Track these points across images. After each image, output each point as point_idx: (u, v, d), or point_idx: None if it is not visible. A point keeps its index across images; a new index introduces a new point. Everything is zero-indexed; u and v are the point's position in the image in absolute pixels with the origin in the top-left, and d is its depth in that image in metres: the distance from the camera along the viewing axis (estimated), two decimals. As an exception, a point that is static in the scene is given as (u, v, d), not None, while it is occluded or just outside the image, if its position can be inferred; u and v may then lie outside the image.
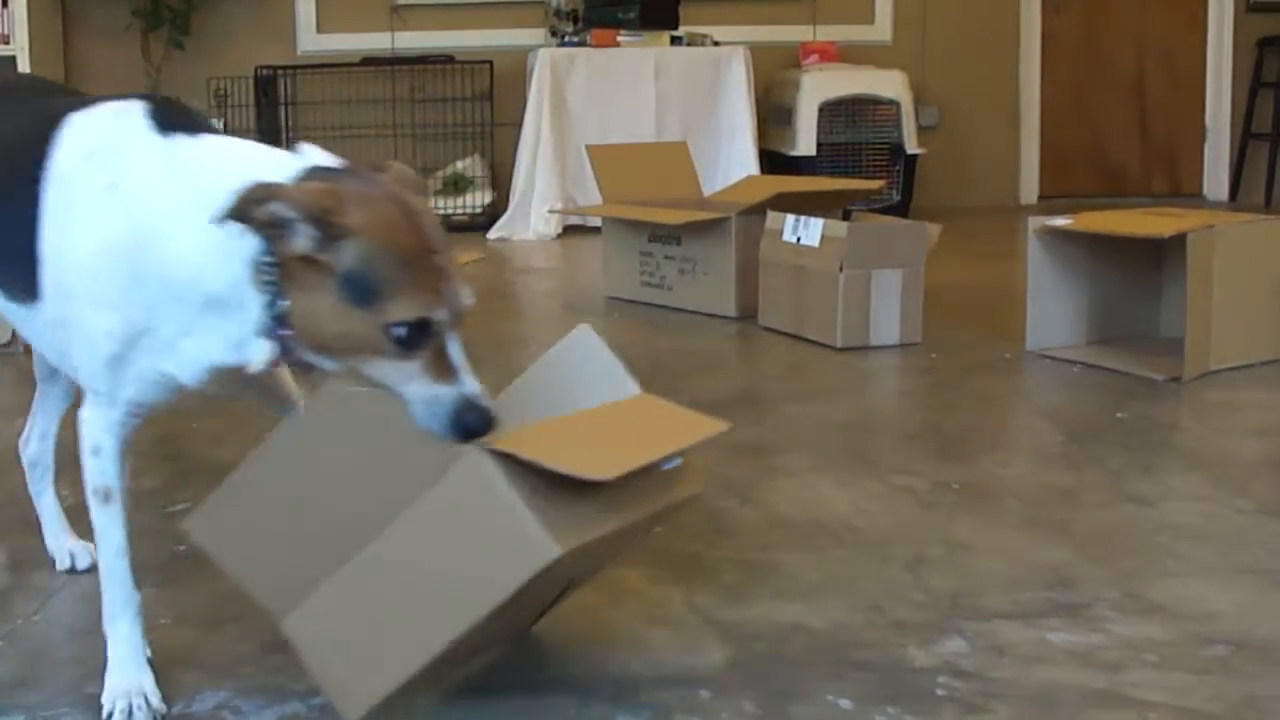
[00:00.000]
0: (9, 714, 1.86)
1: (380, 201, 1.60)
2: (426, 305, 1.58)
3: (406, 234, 1.58)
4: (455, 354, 1.61)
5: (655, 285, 5.18)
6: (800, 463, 2.99)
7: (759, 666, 1.96)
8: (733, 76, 7.89)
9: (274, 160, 1.68)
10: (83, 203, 1.73)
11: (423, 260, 1.59)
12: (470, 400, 1.60)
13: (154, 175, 1.69)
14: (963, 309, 4.86)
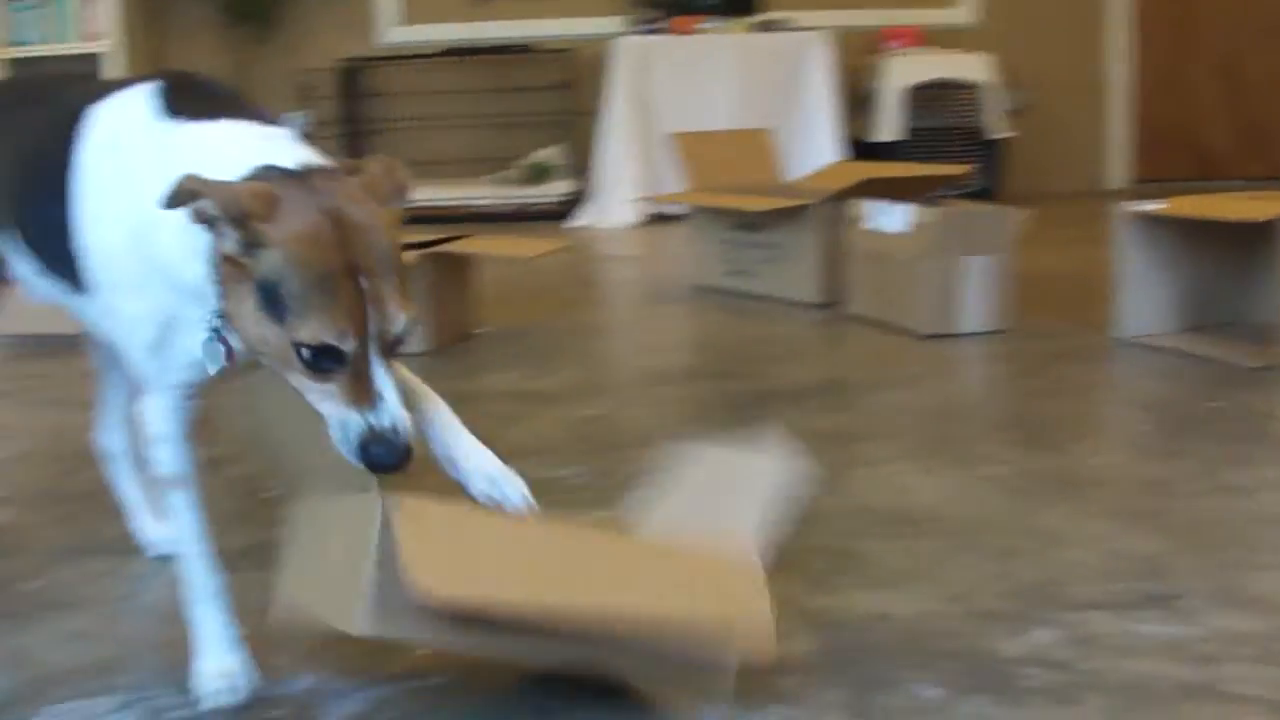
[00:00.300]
0: (103, 695, 1.89)
1: (315, 212, 1.51)
2: (333, 331, 1.49)
3: (330, 252, 1.49)
4: (379, 379, 1.53)
5: (740, 273, 5.17)
6: (885, 451, 2.98)
7: (845, 654, 1.95)
8: (815, 62, 7.87)
9: (252, 151, 1.60)
10: (104, 194, 1.73)
11: (340, 282, 1.49)
12: (378, 432, 1.53)
13: (150, 164, 1.66)
14: (1050, 295, 4.82)
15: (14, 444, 3.29)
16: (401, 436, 1.54)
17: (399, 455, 1.54)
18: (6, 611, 2.23)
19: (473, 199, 8.39)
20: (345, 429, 1.54)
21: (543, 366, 4.03)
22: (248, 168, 1.56)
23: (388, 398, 1.53)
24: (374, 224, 1.54)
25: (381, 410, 1.53)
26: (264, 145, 1.62)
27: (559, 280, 5.84)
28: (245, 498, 2.61)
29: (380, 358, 1.53)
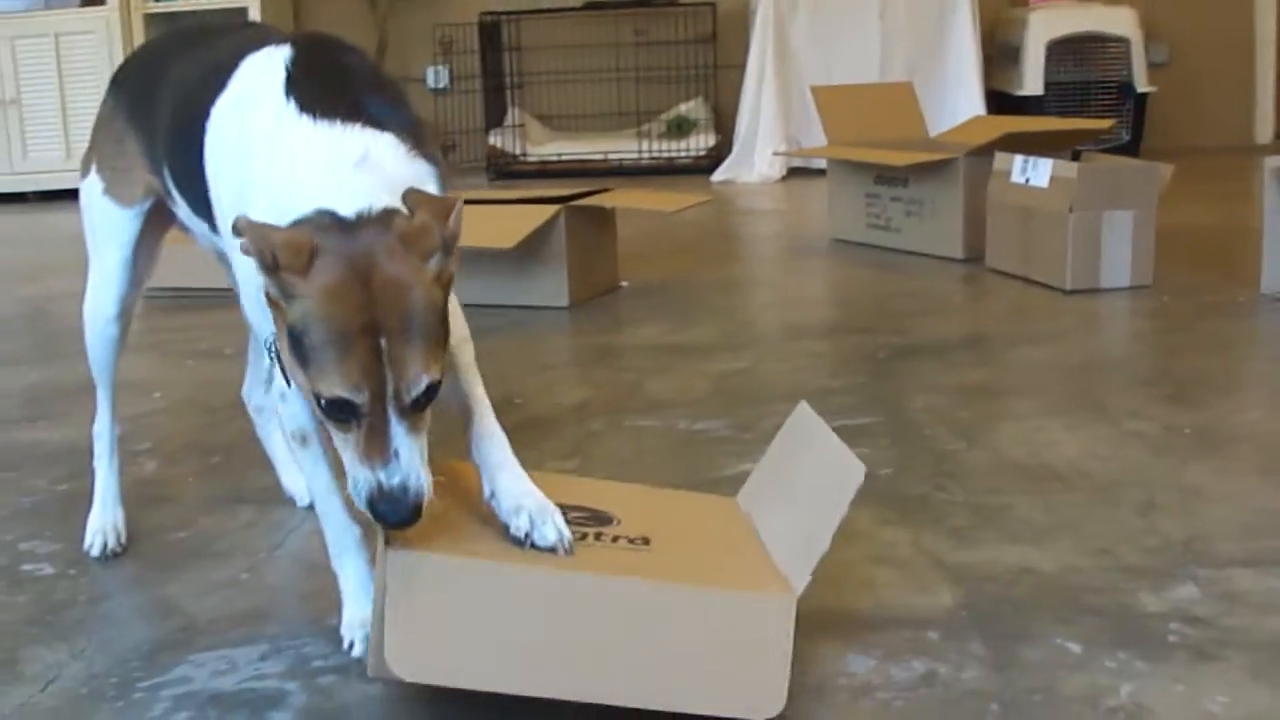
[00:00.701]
0: (249, 644, 1.94)
1: (347, 268, 1.51)
2: (345, 387, 1.51)
3: (352, 310, 1.50)
4: (396, 437, 1.53)
5: (881, 227, 5.16)
6: (1029, 406, 2.97)
7: (987, 608, 1.96)
8: (958, 15, 7.80)
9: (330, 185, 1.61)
10: (225, 154, 1.78)
11: (358, 340, 1.50)
12: (386, 490, 1.53)
13: (258, 142, 1.70)
14: (1195, 251, 4.75)
15: (160, 397, 3.37)
16: (410, 496, 1.54)
17: (404, 514, 1.54)
18: (154, 561, 2.30)
19: (614, 153, 8.42)
20: (356, 482, 1.56)
21: (684, 320, 4.05)
22: (310, 207, 1.57)
23: (402, 456, 1.53)
24: (405, 283, 1.52)
25: (393, 469, 1.53)
26: (343, 178, 1.61)
27: (700, 234, 5.86)
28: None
29: (399, 416, 1.53)
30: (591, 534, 1.77)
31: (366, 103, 1.72)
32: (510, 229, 4.08)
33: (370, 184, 1.61)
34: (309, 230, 1.54)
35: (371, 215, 1.56)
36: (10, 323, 4.51)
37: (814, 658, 1.82)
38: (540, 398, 3.21)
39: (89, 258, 2.28)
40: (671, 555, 1.75)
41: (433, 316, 1.54)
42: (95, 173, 2.25)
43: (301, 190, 1.59)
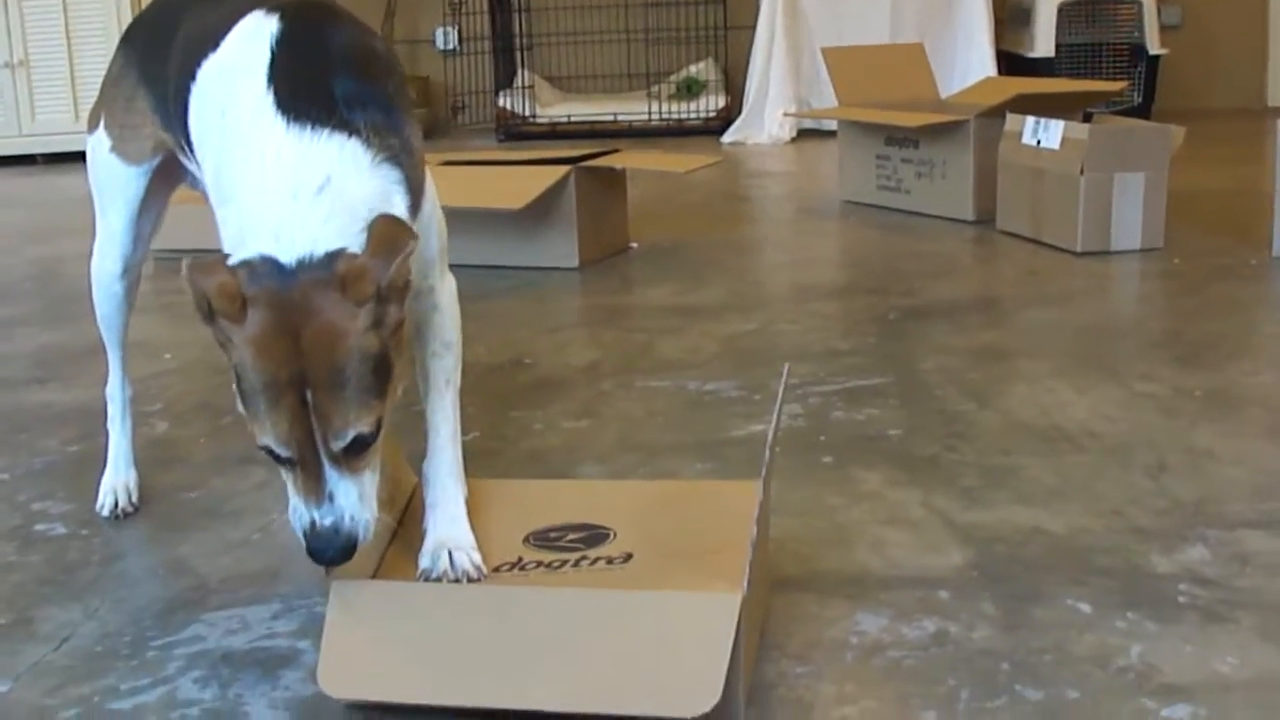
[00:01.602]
0: (261, 603, 1.95)
1: (275, 319, 1.51)
2: (272, 438, 1.54)
3: (278, 363, 1.51)
4: (330, 481, 1.55)
5: (891, 189, 5.15)
6: (1039, 368, 2.97)
7: (998, 569, 1.97)
8: (970, -24, 7.75)
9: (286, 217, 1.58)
10: (208, 124, 1.78)
11: (283, 393, 1.51)
12: (319, 529, 1.55)
13: (237, 132, 1.68)
14: (1207, 214, 4.74)
15: (170, 358, 3.38)
16: (341, 537, 1.56)
17: (334, 554, 1.56)
18: (166, 521, 2.31)
19: (624, 114, 8.40)
20: (294, 512, 1.58)
21: (694, 281, 4.05)
22: (257, 248, 1.55)
23: (337, 499, 1.55)
24: (334, 335, 1.52)
25: (326, 510, 1.55)
26: (299, 212, 1.58)
27: (710, 196, 5.85)
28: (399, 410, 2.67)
29: (332, 463, 1.54)
30: (573, 560, 1.78)
31: (341, 94, 1.68)
32: (520, 190, 4.08)
33: (325, 216, 1.58)
34: (246, 276, 1.53)
35: (312, 262, 1.53)
36: (20, 285, 4.52)
37: (825, 616, 1.83)
38: (550, 358, 3.21)
39: (95, 215, 2.28)
40: (644, 569, 1.75)
41: (364, 367, 1.53)
42: (103, 129, 2.24)
43: (258, 223, 1.58)
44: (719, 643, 1.51)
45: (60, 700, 1.70)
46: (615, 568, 1.74)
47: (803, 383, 2.89)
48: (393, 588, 1.71)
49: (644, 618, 1.60)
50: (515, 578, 1.74)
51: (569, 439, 2.62)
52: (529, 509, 1.92)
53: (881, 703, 1.62)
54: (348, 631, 1.61)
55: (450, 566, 1.73)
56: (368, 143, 1.66)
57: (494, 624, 1.61)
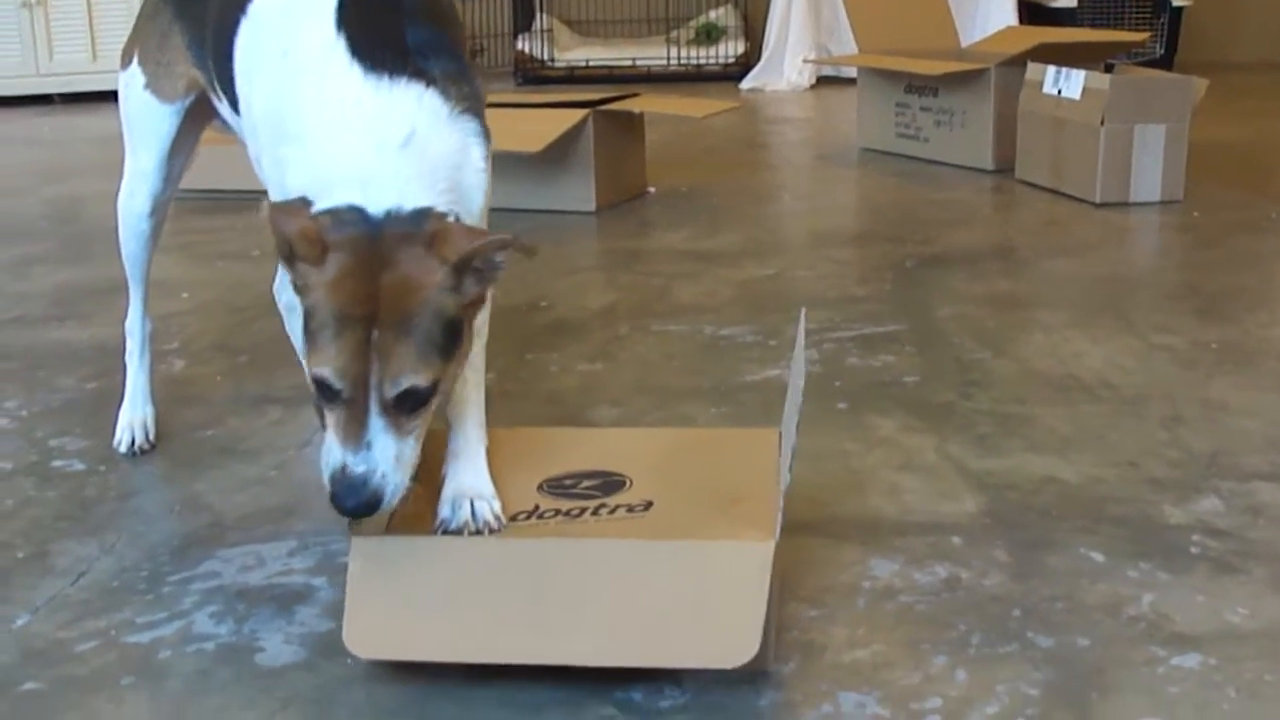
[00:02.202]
0: (277, 540, 1.96)
1: (355, 261, 1.52)
2: (330, 368, 1.52)
3: (352, 300, 1.51)
4: (373, 428, 1.53)
5: (910, 137, 5.14)
6: (1056, 317, 2.97)
7: (1011, 516, 1.97)
8: (993, -77, 7.70)
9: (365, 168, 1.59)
10: (263, 62, 1.76)
11: (351, 329, 1.51)
12: (348, 474, 1.53)
13: (304, 77, 1.67)
14: (1228, 167, 4.72)
15: (188, 297, 3.38)
16: (368, 490, 1.54)
17: (357, 505, 1.54)
18: (182, 459, 2.31)
19: (642, 59, 8.37)
20: (327, 453, 1.57)
21: (711, 226, 4.05)
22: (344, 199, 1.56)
23: (374, 449, 1.54)
24: (412, 284, 1.52)
25: (360, 457, 1.54)
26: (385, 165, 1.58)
27: (728, 142, 5.84)
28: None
29: (380, 410, 1.53)
30: (591, 508, 1.74)
31: (414, 42, 1.68)
32: (538, 133, 4.07)
33: (412, 172, 1.59)
34: (330, 223, 1.54)
35: (400, 215, 1.55)
36: (37, 223, 4.52)
37: (838, 561, 1.84)
38: (567, 301, 3.21)
39: (125, 151, 2.28)
40: (666, 517, 1.71)
41: (433, 323, 1.53)
42: (136, 65, 2.23)
43: (340, 175, 1.58)
44: (754, 592, 1.50)
45: (77, 633, 1.71)
46: (636, 516, 1.71)
47: (819, 329, 2.89)
48: (416, 543, 1.66)
49: (677, 568, 1.57)
50: (534, 527, 1.70)
51: (584, 381, 2.62)
52: (542, 456, 1.89)
53: (892, 647, 1.62)
54: (371, 589, 1.58)
55: (471, 517, 1.70)
56: (444, 93, 1.66)
57: (523, 578, 1.59)
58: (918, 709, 1.49)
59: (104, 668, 1.63)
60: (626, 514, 1.71)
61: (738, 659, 1.48)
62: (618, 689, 1.54)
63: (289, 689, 1.57)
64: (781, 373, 2.57)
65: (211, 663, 1.64)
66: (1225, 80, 5.76)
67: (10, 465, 2.29)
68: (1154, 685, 1.52)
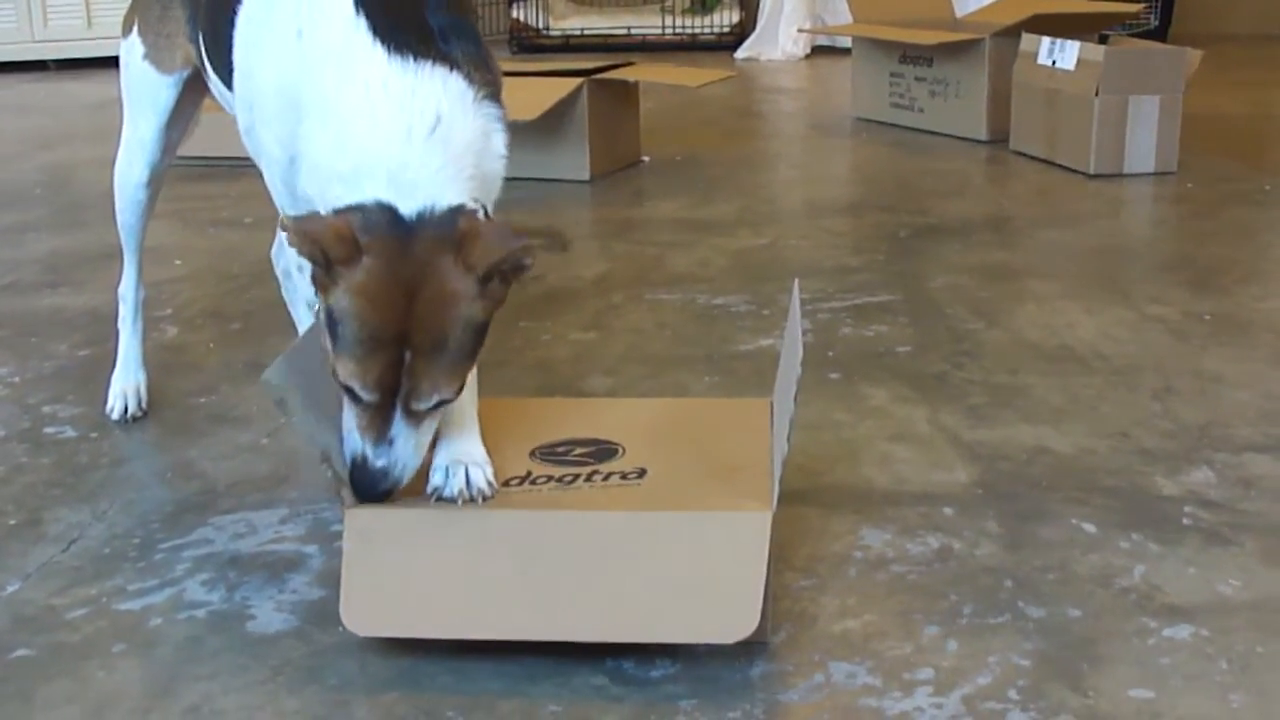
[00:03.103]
0: (269, 508, 1.96)
1: (389, 272, 1.50)
2: (359, 384, 1.52)
3: (385, 317, 1.50)
4: (396, 428, 1.55)
5: (905, 107, 5.13)
6: (1049, 288, 2.97)
7: (1003, 487, 1.97)
8: (988, -108, 7.67)
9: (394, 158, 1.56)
10: (273, 38, 1.72)
11: (383, 347, 1.51)
12: (370, 466, 1.56)
13: (325, 62, 1.64)
14: (1222, 138, 4.72)
15: (181, 264, 3.38)
16: (388, 480, 1.57)
17: (375, 494, 1.58)
18: (174, 426, 2.32)
19: (637, 28, 8.35)
20: (349, 438, 1.58)
21: (705, 196, 4.04)
22: (373, 194, 1.54)
23: (397, 445, 1.56)
24: (447, 301, 1.52)
25: (382, 451, 1.56)
26: (414, 156, 1.56)
27: (723, 111, 5.82)
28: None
29: (406, 416, 1.55)
30: (585, 474, 1.71)
31: (435, 22, 1.66)
32: (532, 101, 4.06)
33: (440, 163, 1.57)
34: (361, 222, 1.52)
35: (433, 216, 1.53)
36: (30, 190, 4.51)
37: (830, 531, 1.84)
38: (560, 270, 3.21)
39: (123, 120, 2.27)
40: (661, 485, 1.68)
41: (467, 336, 1.54)
42: (136, 35, 2.22)
43: (369, 165, 1.55)
44: (753, 565, 1.50)
45: (69, 600, 1.71)
46: (631, 484, 1.69)
47: (812, 298, 2.89)
48: (411, 516, 1.63)
49: (676, 539, 1.56)
50: (527, 493, 1.68)
51: (577, 350, 2.62)
52: (533, 424, 1.88)
53: (884, 617, 1.63)
54: (368, 564, 1.58)
55: (465, 484, 1.65)
56: (469, 78, 1.64)
57: (521, 551, 1.58)
58: (909, 679, 1.50)
59: (95, 635, 1.63)
60: (621, 481, 1.69)
61: (737, 634, 1.48)
62: (609, 658, 1.54)
63: (280, 657, 1.58)
64: (775, 342, 2.57)
65: (203, 630, 1.64)
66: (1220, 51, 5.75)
67: (2, 432, 2.29)
68: (1145, 656, 1.53)
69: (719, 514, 1.59)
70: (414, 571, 1.57)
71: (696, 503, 1.63)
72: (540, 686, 1.50)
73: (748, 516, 1.55)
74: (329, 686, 1.52)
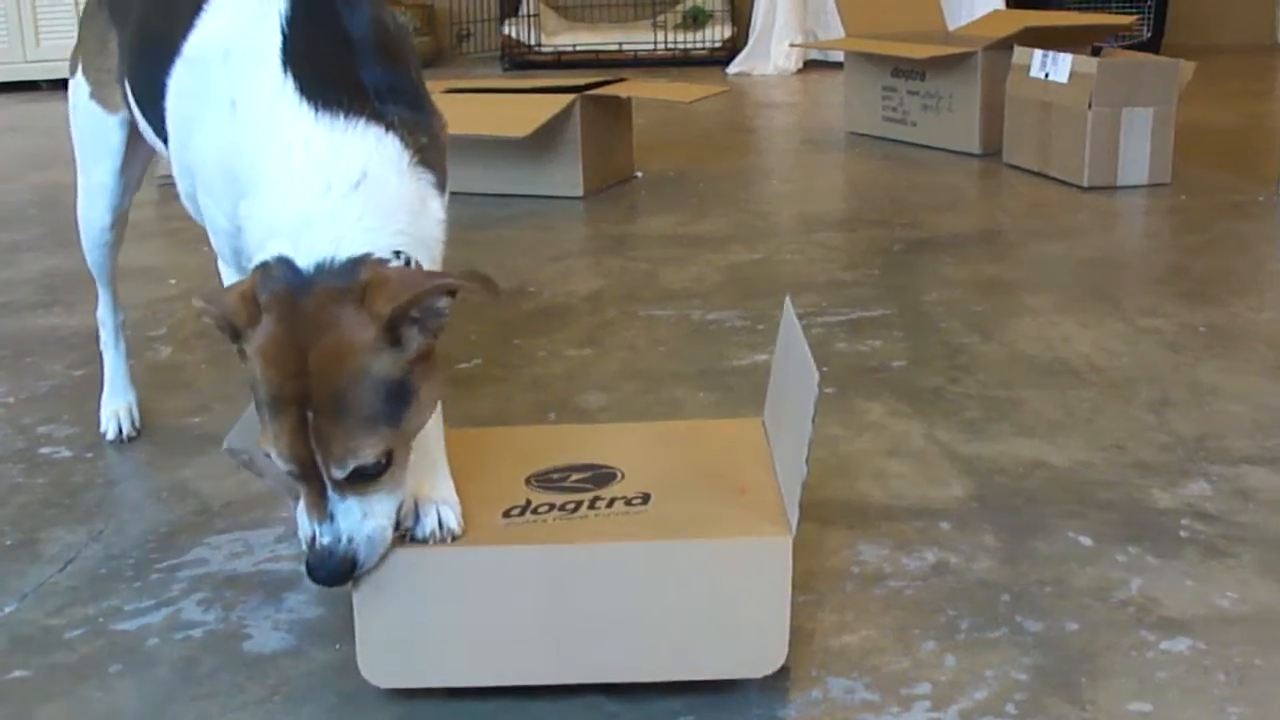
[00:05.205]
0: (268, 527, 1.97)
1: (286, 334, 1.40)
2: (275, 452, 1.42)
3: (283, 380, 1.39)
4: (333, 502, 1.43)
5: (898, 121, 5.13)
6: (1043, 301, 2.97)
7: (999, 501, 1.97)
8: (980, -94, 7.69)
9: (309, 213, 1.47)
10: (207, 111, 1.63)
11: (287, 411, 1.39)
12: (316, 546, 1.44)
13: (254, 123, 1.56)
14: (1215, 150, 4.73)
15: (174, 283, 3.37)
16: (337, 558, 1.45)
17: (329, 575, 1.46)
18: (169, 446, 2.31)
19: (629, 44, 8.36)
20: (300, 527, 1.48)
21: (698, 211, 4.04)
22: (278, 247, 1.44)
23: (338, 519, 1.44)
24: (343, 354, 1.39)
25: (326, 529, 1.44)
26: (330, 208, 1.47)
27: (715, 126, 5.83)
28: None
29: (335, 488, 1.43)
30: (588, 501, 1.63)
31: (369, 80, 1.57)
32: (525, 118, 4.06)
33: (359, 213, 1.47)
34: (260, 279, 1.43)
35: (331, 268, 1.42)
36: (24, 210, 4.50)
37: (827, 546, 1.84)
38: (554, 286, 3.21)
39: (78, 164, 2.23)
40: (669, 510, 1.60)
41: (373, 392, 1.41)
42: (81, 74, 2.16)
43: (280, 220, 1.47)
44: (777, 593, 1.48)
45: (65, 620, 1.71)
46: (637, 509, 1.61)
47: (806, 313, 2.89)
48: (420, 557, 1.52)
49: (697, 570, 1.51)
50: (532, 524, 1.57)
51: (572, 367, 2.62)
52: (524, 452, 1.79)
53: (881, 632, 1.62)
54: (381, 611, 1.51)
55: (438, 526, 1.53)
56: (403, 140, 1.55)
57: (538, 589, 1.51)
58: (906, 694, 1.50)
59: (92, 655, 1.63)
60: (625, 507, 1.62)
61: (766, 668, 1.49)
62: (607, 675, 1.54)
63: (278, 676, 1.58)
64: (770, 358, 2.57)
65: (199, 650, 1.64)
66: (1212, 63, 5.76)
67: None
68: (1143, 670, 1.53)
69: (739, 541, 1.53)
70: (430, 617, 1.51)
71: (711, 528, 1.57)
72: (538, 702, 1.50)
73: (768, 543, 1.50)
74: (326, 706, 1.52)
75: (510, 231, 3.80)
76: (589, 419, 2.35)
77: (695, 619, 1.50)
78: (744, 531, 1.54)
